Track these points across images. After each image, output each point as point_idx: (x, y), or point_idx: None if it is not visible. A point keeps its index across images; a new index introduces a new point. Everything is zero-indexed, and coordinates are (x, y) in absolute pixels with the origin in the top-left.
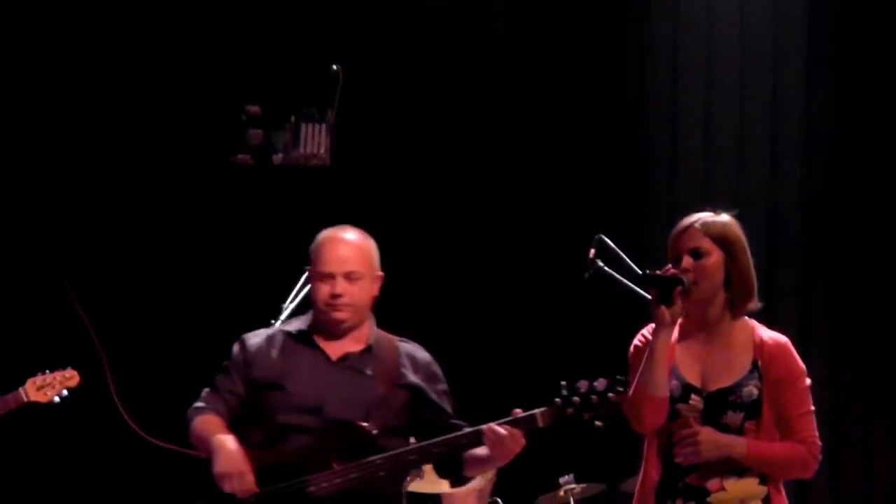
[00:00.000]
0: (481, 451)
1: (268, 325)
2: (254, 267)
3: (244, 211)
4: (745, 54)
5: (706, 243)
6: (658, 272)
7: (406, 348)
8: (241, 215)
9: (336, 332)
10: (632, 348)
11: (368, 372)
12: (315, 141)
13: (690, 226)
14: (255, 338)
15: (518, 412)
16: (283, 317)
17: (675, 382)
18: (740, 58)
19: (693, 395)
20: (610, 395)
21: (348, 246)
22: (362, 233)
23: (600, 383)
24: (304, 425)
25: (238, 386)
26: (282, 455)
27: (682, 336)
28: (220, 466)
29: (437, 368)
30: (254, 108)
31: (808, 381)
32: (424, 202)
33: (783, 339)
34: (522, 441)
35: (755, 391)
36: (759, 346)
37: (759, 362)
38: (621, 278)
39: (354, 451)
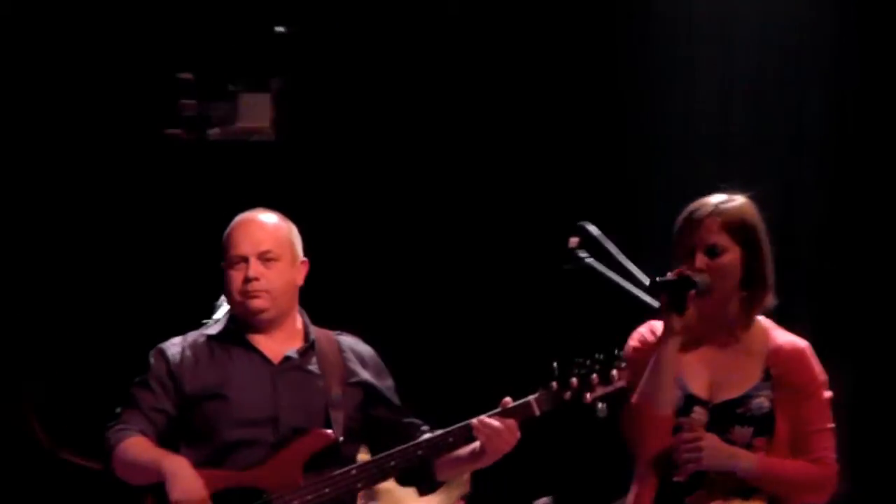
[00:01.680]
0: (460, 450)
1: (199, 325)
2: (186, 257)
3: (176, 192)
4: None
5: (724, 239)
6: (669, 277)
7: (347, 342)
8: (173, 197)
9: (260, 325)
10: (629, 351)
11: (315, 370)
12: (257, 113)
13: (705, 218)
14: (175, 347)
15: (509, 401)
16: (216, 315)
17: (677, 392)
18: (726, 55)
19: (696, 407)
20: (612, 371)
21: (261, 226)
22: (281, 215)
23: (599, 360)
24: (256, 439)
25: (165, 402)
26: (239, 476)
27: (689, 339)
28: (177, 494)
29: (381, 363)
30: (186, 75)
31: (828, 393)
32: (383, 183)
33: (802, 343)
34: (517, 433)
35: (766, 403)
36: (774, 352)
37: (773, 370)
38: (607, 272)
39: (321, 463)
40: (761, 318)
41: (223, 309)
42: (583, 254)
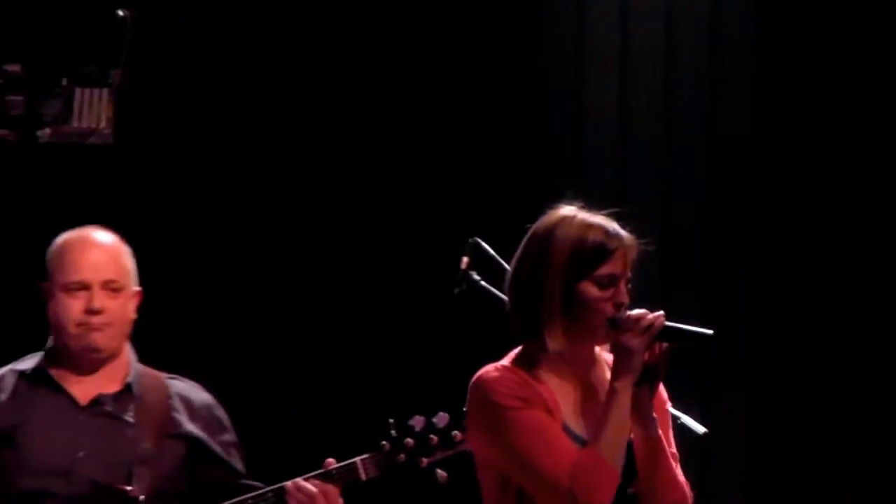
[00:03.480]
0: None
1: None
2: (11, 272)
3: (1, 200)
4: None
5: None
6: (683, 326)
7: (178, 388)
8: None
9: (89, 364)
10: (514, 405)
11: (129, 419)
12: (94, 111)
13: (633, 247)
14: None
15: (331, 462)
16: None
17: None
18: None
19: None
20: (454, 433)
21: (104, 249)
22: (115, 236)
23: (441, 418)
24: (47, 490)
25: None
26: None
27: (553, 373)
28: None
29: (221, 413)
30: (13, 68)
31: (672, 411)
32: (240, 195)
33: None
34: (339, 501)
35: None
36: None
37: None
38: (504, 297)
39: None
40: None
41: None
42: (475, 275)
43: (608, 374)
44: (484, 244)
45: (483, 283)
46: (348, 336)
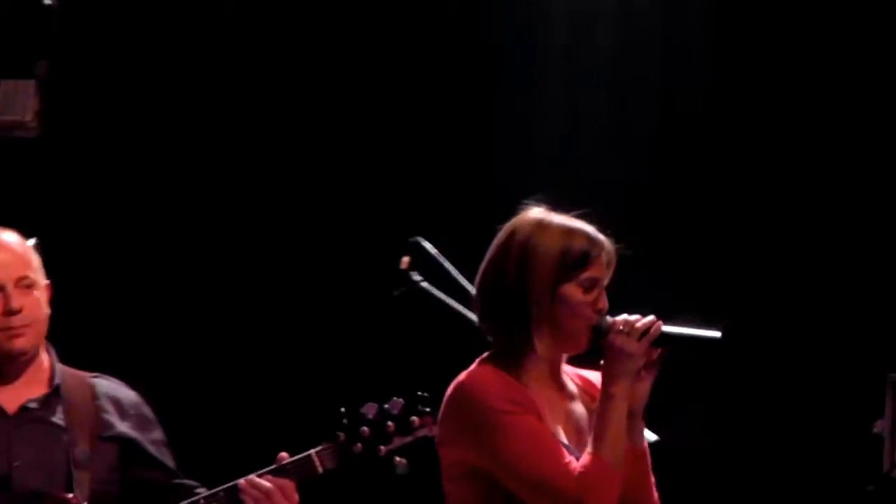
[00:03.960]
0: None
1: None
2: None
3: None
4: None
5: None
6: (685, 330)
7: (104, 387)
8: None
9: (13, 370)
10: (506, 409)
11: (60, 422)
12: (19, 103)
13: (614, 254)
14: None
15: (285, 456)
16: None
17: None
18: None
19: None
20: (412, 418)
21: (8, 247)
22: (17, 233)
23: (394, 405)
24: None
25: None
26: None
27: (534, 380)
28: None
29: (148, 411)
30: None
31: None
32: (170, 190)
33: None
34: (295, 496)
35: None
36: (588, 385)
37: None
38: (445, 297)
39: None
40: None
41: None
42: (416, 276)
43: (571, 385)
44: (425, 243)
45: (424, 284)
46: (289, 335)
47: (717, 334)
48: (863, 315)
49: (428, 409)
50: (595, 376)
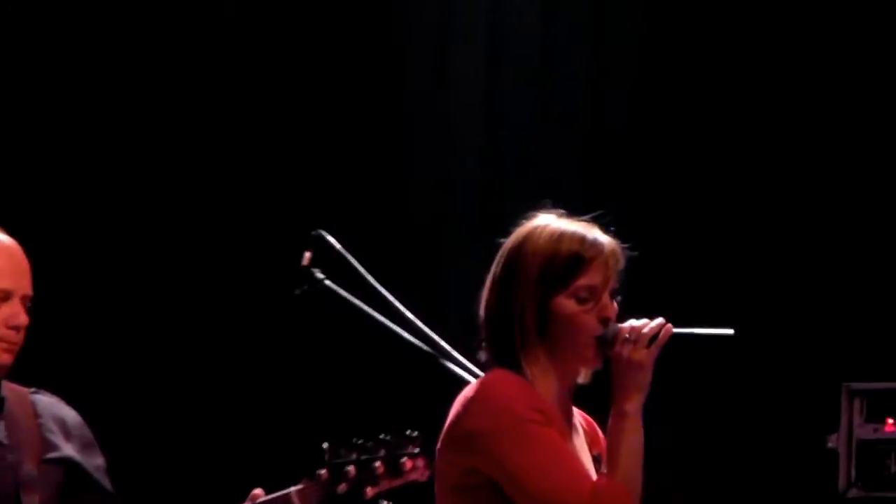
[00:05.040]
0: None
1: None
2: None
3: None
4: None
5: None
6: (696, 330)
7: (45, 404)
8: None
9: None
10: (528, 424)
11: (6, 441)
12: None
13: (614, 248)
14: None
15: (259, 494)
16: None
17: None
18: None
19: None
20: (403, 460)
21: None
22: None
23: (383, 443)
24: None
25: None
26: None
27: (546, 396)
28: None
29: (89, 434)
30: None
31: None
32: (57, 188)
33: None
34: None
35: None
36: (591, 429)
37: (595, 451)
38: (352, 298)
39: None
40: None
41: None
42: (319, 273)
43: (578, 421)
44: (329, 237)
45: (328, 282)
46: (178, 339)
47: (729, 331)
48: (817, 322)
49: (418, 451)
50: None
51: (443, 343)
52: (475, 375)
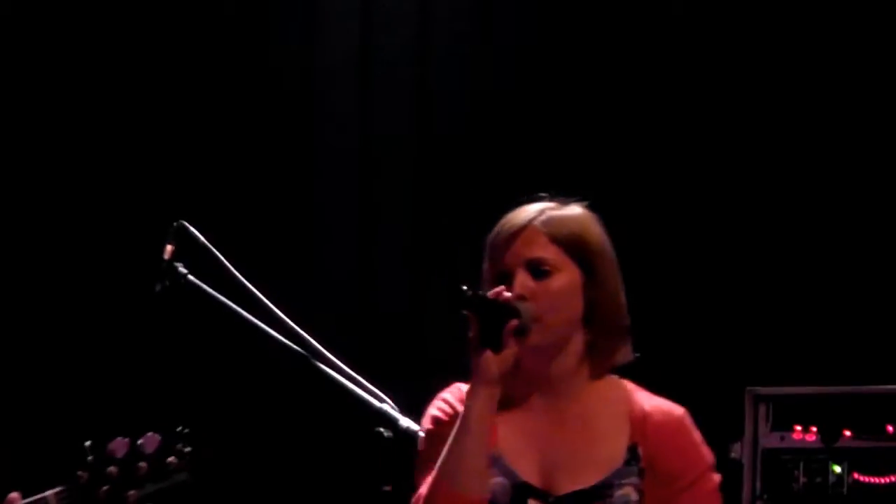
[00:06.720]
0: None
1: None
2: None
3: None
4: None
5: (554, 255)
6: (483, 293)
7: None
8: None
9: None
10: (428, 422)
11: None
12: None
13: (528, 224)
14: None
15: (16, 498)
16: None
17: (499, 480)
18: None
19: (531, 501)
20: (170, 459)
21: None
22: None
23: (149, 441)
24: None
25: None
26: None
27: (509, 404)
28: None
29: None
30: None
31: (716, 477)
32: None
33: (678, 410)
34: None
35: (634, 495)
36: (640, 423)
37: (640, 448)
38: (217, 295)
39: None
40: (615, 377)
41: None
42: (182, 268)
43: (592, 407)
44: (192, 228)
45: (191, 276)
46: (30, 338)
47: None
48: (719, 322)
49: (188, 449)
50: (668, 420)
51: (314, 342)
52: (347, 376)
